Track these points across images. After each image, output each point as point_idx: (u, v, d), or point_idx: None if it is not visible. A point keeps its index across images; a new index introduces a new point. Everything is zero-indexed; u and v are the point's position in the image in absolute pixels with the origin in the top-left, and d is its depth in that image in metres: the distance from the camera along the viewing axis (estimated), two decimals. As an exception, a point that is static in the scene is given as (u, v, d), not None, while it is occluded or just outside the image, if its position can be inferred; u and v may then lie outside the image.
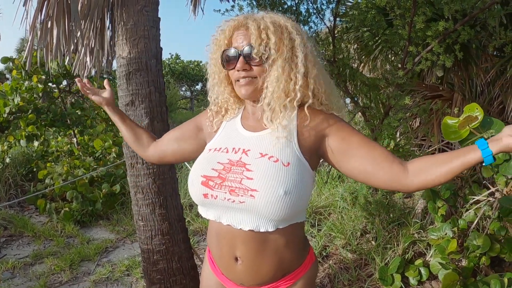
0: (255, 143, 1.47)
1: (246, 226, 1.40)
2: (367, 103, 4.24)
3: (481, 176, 3.94)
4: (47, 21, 2.91)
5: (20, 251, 4.74)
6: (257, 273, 1.47)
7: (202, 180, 1.44)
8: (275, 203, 1.32)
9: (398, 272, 3.42)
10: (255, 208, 1.35)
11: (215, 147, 1.54)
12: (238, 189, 1.36)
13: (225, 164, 1.43)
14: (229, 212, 1.42)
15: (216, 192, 1.40)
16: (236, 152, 1.46)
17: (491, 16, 3.59)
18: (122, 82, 2.74)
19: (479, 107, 2.05)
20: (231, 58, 1.44)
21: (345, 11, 4.41)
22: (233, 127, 1.58)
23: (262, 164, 1.38)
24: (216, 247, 1.54)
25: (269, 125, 1.45)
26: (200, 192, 1.45)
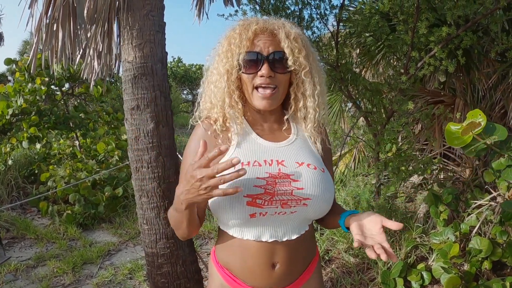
0: (286, 153, 1.44)
1: (293, 235, 1.42)
2: (369, 108, 4.26)
3: (483, 181, 3.95)
4: (53, 24, 2.93)
5: (23, 254, 4.75)
6: (293, 271, 1.47)
7: (247, 200, 1.31)
8: (324, 206, 1.41)
9: (400, 276, 3.43)
10: (305, 215, 1.40)
11: (241, 162, 1.36)
12: (291, 201, 1.34)
13: (267, 179, 1.34)
14: (273, 226, 1.39)
15: (266, 209, 1.33)
16: (271, 164, 1.38)
17: (493, 22, 3.62)
18: (127, 86, 2.76)
19: (482, 113, 2.07)
20: (254, 62, 1.38)
21: (348, 16, 4.43)
22: (249, 139, 1.47)
23: (305, 173, 1.38)
24: (244, 262, 1.44)
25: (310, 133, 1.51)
26: (245, 214, 1.33)
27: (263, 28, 1.41)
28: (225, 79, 1.43)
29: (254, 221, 1.35)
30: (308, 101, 1.48)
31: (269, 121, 1.52)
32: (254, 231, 1.39)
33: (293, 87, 1.48)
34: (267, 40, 1.39)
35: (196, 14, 3.90)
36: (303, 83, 1.46)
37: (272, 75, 1.38)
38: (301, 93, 1.48)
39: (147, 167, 2.75)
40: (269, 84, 1.39)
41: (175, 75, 25.43)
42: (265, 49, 1.38)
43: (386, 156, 4.03)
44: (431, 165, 4.03)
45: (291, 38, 1.39)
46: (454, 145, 2.13)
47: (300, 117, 1.51)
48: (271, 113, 1.52)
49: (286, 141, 1.49)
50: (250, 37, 1.39)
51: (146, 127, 2.71)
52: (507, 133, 2.15)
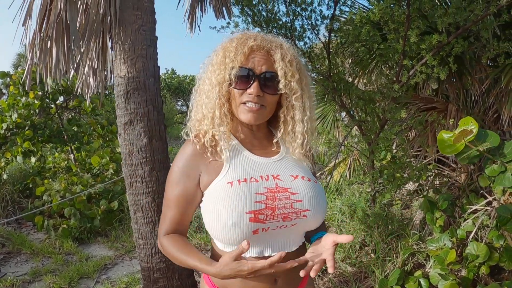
0: (279, 167, 1.45)
1: (294, 246, 1.44)
2: (363, 117, 4.26)
3: (478, 186, 3.96)
4: (47, 41, 2.94)
5: (19, 269, 4.72)
6: (292, 283, 1.48)
7: (250, 216, 1.29)
8: (322, 216, 1.44)
9: (398, 284, 3.42)
10: (304, 226, 1.42)
11: (237, 179, 1.35)
12: (291, 214, 1.35)
13: (266, 194, 1.33)
14: (274, 241, 1.39)
15: (269, 224, 1.32)
16: (267, 179, 1.38)
17: (484, 28, 3.64)
18: (120, 101, 2.76)
19: (474, 121, 2.08)
20: (244, 78, 1.37)
21: (339, 26, 4.44)
22: (240, 155, 1.45)
23: (301, 185, 1.40)
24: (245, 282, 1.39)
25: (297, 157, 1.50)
26: (248, 231, 1.30)
27: (260, 45, 1.39)
28: (217, 91, 1.40)
29: (257, 238, 1.34)
30: (297, 126, 1.47)
31: (258, 137, 1.52)
32: (256, 248, 1.38)
33: (283, 110, 1.48)
34: (262, 58, 1.38)
35: (189, 27, 3.93)
36: (293, 108, 1.45)
37: (261, 94, 1.37)
38: (290, 117, 1.47)
39: (141, 182, 2.75)
40: (256, 103, 1.37)
41: (169, 87, 25.40)
42: (258, 67, 1.37)
43: (381, 164, 4.03)
44: (426, 172, 4.04)
45: (286, 60, 1.38)
46: (446, 153, 2.13)
47: (288, 141, 1.51)
48: (259, 129, 1.51)
49: (277, 156, 1.50)
50: (246, 52, 1.37)
51: (139, 142, 2.71)
52: (499, 139, 2.16)
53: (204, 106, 1.45)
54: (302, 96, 1.45)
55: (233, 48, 1.38)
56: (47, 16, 2.88)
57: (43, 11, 2.87)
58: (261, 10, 4.10)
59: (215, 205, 1.34)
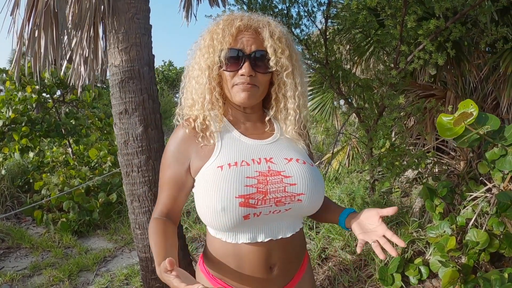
0: (273, 150, 1.42)
1: (288, 233, 1.39)
2: (361, 104, 4.24)
3: (477, 173, 3.94)
4: (35, 30, 2.90)
5: (18, 263, 4.71)
6: (288, 272, 1.44)
7: (239, 201, 1.25)
8: (319, 200, 1.40)
9: (398, 271, 3.42)
10: (300, 211, 1.38)
11: (228, 163, 1.33)
12: (285, 198, 1.31)
13: (257, 177, 1.30)
14: (267, 226, 1.35)
15: (260, 209, 1.28)
16: (259, 163, 1.34)
17: (482, 13, 3.61)
18: (115, 90, 2.73)
19: (474, 103, 2.06)
20: (235, 59, 1.34)
21: (336, 12, 4.41)
22: (232, 138, 1.42)
23: (296, 168, 1.36)
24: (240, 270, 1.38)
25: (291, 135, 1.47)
26: (239, 216, 1.27)
27: (247, 25, 1.36)
28: (206, 75, 1.38)
29: (248, 223, 1.30)
30: (289, 102, 1.44)
31: (251, 119, 1.48)
32: (248, 233, 1.34)
33: (274, 87, 1.45)
34: (250, 38, 1.35)
35: (184, 16, 3.88)
36: (285, 84, 1.43)
37: (253, 74, 1.34)
38: (282, 94, 1.45)
39: (137, 171, 2.72)
40: (249, 83, 1.35)
41: (166, 79, 25.38)
42: (248, 47, 1.34)
43: (380, 151, 4.01)
44: (425, 159, 4.02)
45: (275, 37, 1.36)
46: (446, 137, 2.11)
47: (281, 119, 1.48)
48: (252, 110, 1.48)
49: (271, 138, 1.46)
50: (233, 33, 1.34)
51: (135, 131, 2.69)
52: (499, 122, 2.14)
53: (194, 91, 1.43)
54: (293, 72, 1.42)
55: (220, 30, 1.35)
56: (35, 6, 2.83)
57: (31, 0, 2.83)
58: (257, -3, 4.07)
59: (205, 190, 1.31)
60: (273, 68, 1.36)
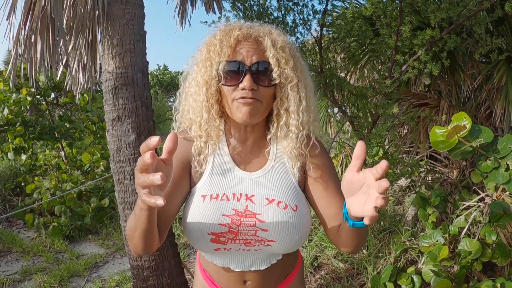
0: (257, 185, 1.34)
1: (262, 266, 1.38)
2: (355, 113, 4.24)
3: (470, 182, 3.95)
4: (31, 35, 2.89)
5: (9, 268, 4.66)
6: (266, 284, 1.44)
7: (211, 238, 1.27)
8: (291, 247, 1.33)
9: (390, 280, 3.41)
10: (271, 252, 1.35)
11: (210, 194, 1.31)
12: (254, 241, 1.29)
13: (232, 216, 1.27)
14: (240, 258, 1.36)
15: (230, 246, 1.29)
16: (239, 199, 1.30)
17: (477, 23, 3.62)
18: (108, 97, 2.72)
19: (467, 116, 2.06)
20: (234, 73, 1.24)
21: (331, 21, 4.42)
22: (223, 165, 1.37)
23: (273, 213, 1.29)
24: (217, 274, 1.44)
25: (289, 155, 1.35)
26: (210, 248, 1.30)
27: (247, 34, 1.27)
28: (204, 91, 1.29)
29: (220, 253, 1.34)
30: (291, 118, 1.33)
31: (249, 140, 1.40)
32: (221, 260, 1.38)
33: (277, 101, 1.33)
34: (251, 48, 1.25)
35: (179, 22, 3.88)
36: (288, 98, 1.31)
37: (255, 87, 1.24)
38: (284, 108, 1.33)
39: (129, 179, 2.71)
40: (251, 98, 1.24)
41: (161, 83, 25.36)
42: (248, 58, 1.24)
43: (373, 160, 4.01)
44: (418, 168, 4.02)
45: (278, 46, 1.26)
46: (439, 149, 2.11)
47: (281, 137, 1.36)
48: (253, 129, 1.38)
49: (261, 170, 1.37)
50: (232, 44, 1.24)
51: (127, 138, 2.68)
52: (493, 135, 2.14)
53: (191, 110, 1.35)
54: (298, 85, 1.31)
55: (218, 41, 1.26)
56: (32, 10, 2.82)
57: (28, 4, 2.82)
58: (253, 4, 4.07)
59: (186, 215, 1.32)
60: (277, 80, 1.26)
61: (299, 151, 1.35)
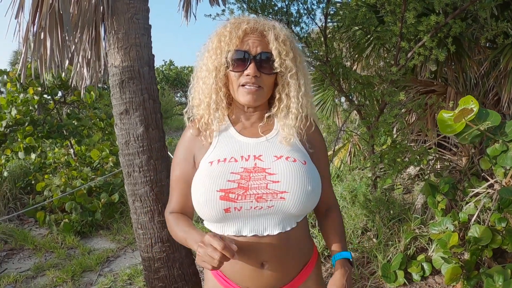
0: (265, 147, 1.45)
1: (275, 230, 1.38)
2: (362, 101, 4.24)
3: (479, 168, 3.94)
4: (40, 32, 2.91)
5: (22, 265, 4.71)
6: (284, 271, 1.44)
7: (220, 195, 1.31)
8: (305, 200, 1.36)
9: (400, 268, 3.42)
10: (284, 209, 1.36)
11: (217, 159, 1.41)
12: (266, 195, 1.32)
13: (241, 173, 1.35)
14: (253, 221, 1.37)
15: (241, 203, 1.32)
16: (247, 159, 1.40)
17: (481, 8, 3.60)
18: (115, 91, 2.73)
19: (474, 100, 2.05)
20: (241, 61, 1.40)
21: (335, 10, 4.40)
22: (228, 136, 1.50)
23: (283, 165, 1.37)
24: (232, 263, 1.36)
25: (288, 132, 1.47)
26: (220, 208, 1.32)
27: (253, 28, 1.42)
28: (213, 76, 1.45)
29: (231, 216, 1.34)
30: (291, 102, 1.48)
31: (252, 118, 1.54)
32: (233, 227, 1.38)
33: (278, 88, 1.50)
34: (256, 40, 1.41)
35: (184, 15, 3.88)
36: (288, 85, 1.47)
37: (258, 74, 1.40)
38: (285, 94, 1.49)
39: (138, 171, 2.73)
40: (254, 84, 1.40)
41: (167, 79, 25.35)
42: (253, 49, 1.40)
43: (382, 148, 4.01)
44: (426, 156, 4.02)
45: (280, 40, 1.41)
46: (447, 133, 2.11)
47: (281, 117, 1.51)
48: (255, 110, 1.53)
49: (266, 136, 1.50)
50: (240, 35, 1.40)
51: (135, 131, 2.69)
52: (500, 118, 2.14)
53: (201, 91, 1.50)
54: (297, 74, 1.47)
55: (228, 33, 1.41)
56: (40, 8, 2.84)
57: (36, 2, 2.83)
58: (256, -5, 4.06)
59: (195, 183, 1.40)
60: (278, 69, 1.42)
61: (298, 130, 1.49)
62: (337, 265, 1.43)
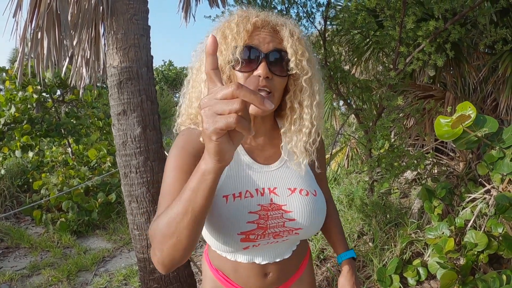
0: (277, 178, 1.32)
1: (286, 254, 1.39)
2: (360, 105, 4.24)
3: (476, 174, 3.94)
4: (37, 32, 2.90)
5: (17, 263, 4.71)
6: (285, 274, 1.44)
7: (240, 237, 1.21)
8: (316, 230, 1.36)
9: (396, 273, 3.42)
10: (297, 239, 1.38)
11: (232, 193, 1.23)
12: (283, 232, 1.27)
13: (259, 212, 1.23)
14: (266, 252, 1.35)
15: (259, 241, 1.26)
16: (263, 194, 1.26)
17: (481, 14, 3.60)
18: (113, 91, 2.73)
19: (472, 106, 2.06)
20: (250, 59, 1.17)
21: (335, 14, 4.41)
22: (239, 161, 1.31)
23: (297, 201, 1.28)
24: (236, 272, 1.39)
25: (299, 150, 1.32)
26: (239, 248, 1.25)
27: (264, 21, 1.20)
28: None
29: (247, 251, 1.30)
30: (305, 112, 1.29)
31: (260, 132, 1.36)
32: (246, 257, 1.35)
33: (290, 95, 1.29)
34: (268, 35, 1.19)
35: (183, 16, 3.89)
36: (301, 91, 1.27)
37: (270, 76, 1.17)
38: (298, 102, 1.29)
39: (135, 172, 2.72)
40: (264, 87, 1.18)
41: (166, 79, 25.34)
42: (265, 45, 1.17)
43: (379, 152, 4.01)
44: (424, 160, 4.02)
45: (295, 37, 1.20)
46: (444, 139, 2.11)
47: (294, 131, 1.32)
48: (263, 121, 1.34)
49: (277, 162, 1.36)
50: (249, 29, 1.17)
51: (133, 132, 2.69)
52: (497, 125, 2.13)
53: (202, 96, 1.23)
54: (312, 79, 1.27)
55: (235, 25, 1.18)
56: (38, 7, 2.84)
57: (34, 2, 2.83)
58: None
59: (210, 220, 1.22)
60: (293, 70, 1.21)
61: (308, 147, 1.34)
62: (345, 265, 1.51)
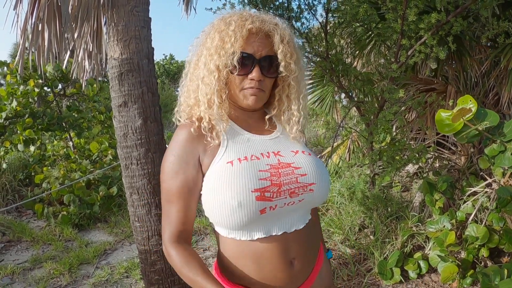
0: (278, 144, 1.42)
1: (300, 224, 1.38)
2: (361, 98, 4.23)
3: (478, 168, 3.94)
4: (38, 24, 2.90)
5: (19, 256, 4.72)
6: (309, 263, 1.42)
7: (256, 195, 1.22)
8: (327, 190, 1.42)
9: (397, 266, 3.42)
10: (311, 201, 1.38)
11: (237, 158, 1.29)
12: (298, 189, 1.30)
13: (270, 170, 1.28)
14: (281, 219, 1.33)
15: (276, 202, 1.26)
16: (269, 156, 1.34)
17: (483, 7, 3.58)
18: (114, 83, 2.73)
19: (473, 99, 2.04)
20: (245, 64, 1.32)
21: (337, 6, 4.39)
22: (237, 135, 1.39)
23: (303, 159, 1.38)
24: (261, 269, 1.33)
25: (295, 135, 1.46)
26: (256, 210, 1.23)
27: (258, 28, 1.33)
28: (216, 77, 1.33)
29: (263, 217, 1.26)
30: (292, 103, 1.45)
31: (253, 117, 1.47)
32: (262, 228, 1.30)
33: (279, 89, 1.45)
34: (261, 42, 1.33)
35: (184, 9, 3.87)
36: (289, 87, 1.43)
37: (262, 79, 1.34)
38: (286, 95, 1.45)
39: (136, 164, 2.72)
40: (258, 88, 1.35)
41: (168, 73, 25.28)
42: (258, 52, 1.33)
43: (380, 146, 4.00)
44: (425, 154, 4.01)
45: (285, 41, 1.35)
46: (445, 132, 2.10)
47: (284, 120, 1.47)
48: (254, 111, 1.47)
49: (273, 134, 1.46)
50: (245, 35, 1.31)
51: (134, 123, 2.69)
52: (498, 118, 2.12)
53: (199, 92, 1.37)
54: (298, 76, 1.42)
55: (232, 32, 1.31)
56: (38, -1, 2.83)
57: (34, -6, 2.83)
58: (258, -10, 4.05)
59: (216, 187, 1.25)
60: (283, 73, 1.36)
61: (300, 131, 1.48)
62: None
